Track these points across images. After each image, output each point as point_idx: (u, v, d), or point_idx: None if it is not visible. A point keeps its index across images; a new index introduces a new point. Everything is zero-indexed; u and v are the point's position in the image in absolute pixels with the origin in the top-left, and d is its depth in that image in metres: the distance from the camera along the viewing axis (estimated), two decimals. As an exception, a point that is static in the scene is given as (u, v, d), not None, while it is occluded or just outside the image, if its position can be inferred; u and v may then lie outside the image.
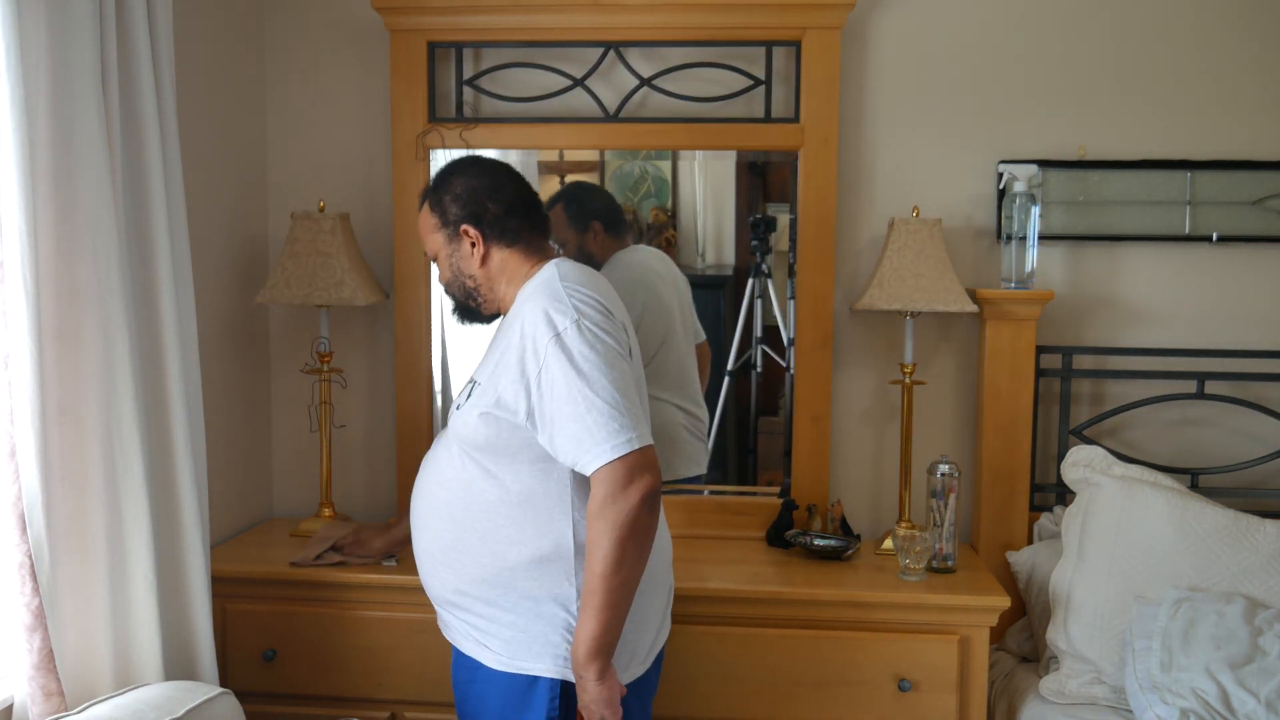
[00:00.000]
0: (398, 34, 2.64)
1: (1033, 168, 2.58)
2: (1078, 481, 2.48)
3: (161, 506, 2.06)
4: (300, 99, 2.79)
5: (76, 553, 1.89)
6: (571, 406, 1.71)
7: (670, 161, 2.77)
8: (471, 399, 1.86)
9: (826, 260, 2.60)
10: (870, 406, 2.73)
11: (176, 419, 2.09)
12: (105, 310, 1.89)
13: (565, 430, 1.72)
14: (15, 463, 1.81)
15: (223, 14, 2.60)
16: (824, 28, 2.56)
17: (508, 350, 1.81)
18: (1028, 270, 2.56)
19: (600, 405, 1.69)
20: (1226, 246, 2.63)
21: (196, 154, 2.41)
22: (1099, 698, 2.25)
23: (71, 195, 1.84)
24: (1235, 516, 2.34)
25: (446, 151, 2.69)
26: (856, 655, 2.26)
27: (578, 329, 1.74)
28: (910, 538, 2.37)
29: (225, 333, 2.63)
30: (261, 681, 2.39)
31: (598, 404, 1.69)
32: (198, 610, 2.15)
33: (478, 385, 1.87)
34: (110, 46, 1.91)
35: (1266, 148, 2.60)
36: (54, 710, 1.85)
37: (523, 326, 1.79)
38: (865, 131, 2.67)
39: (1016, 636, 2.57)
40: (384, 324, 2.80)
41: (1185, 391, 2.62)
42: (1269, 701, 2.04)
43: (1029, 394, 2.58)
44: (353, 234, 2.64)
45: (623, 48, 2.66)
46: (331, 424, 2.66)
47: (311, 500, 2.80)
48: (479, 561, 1.84)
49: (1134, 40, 2.61)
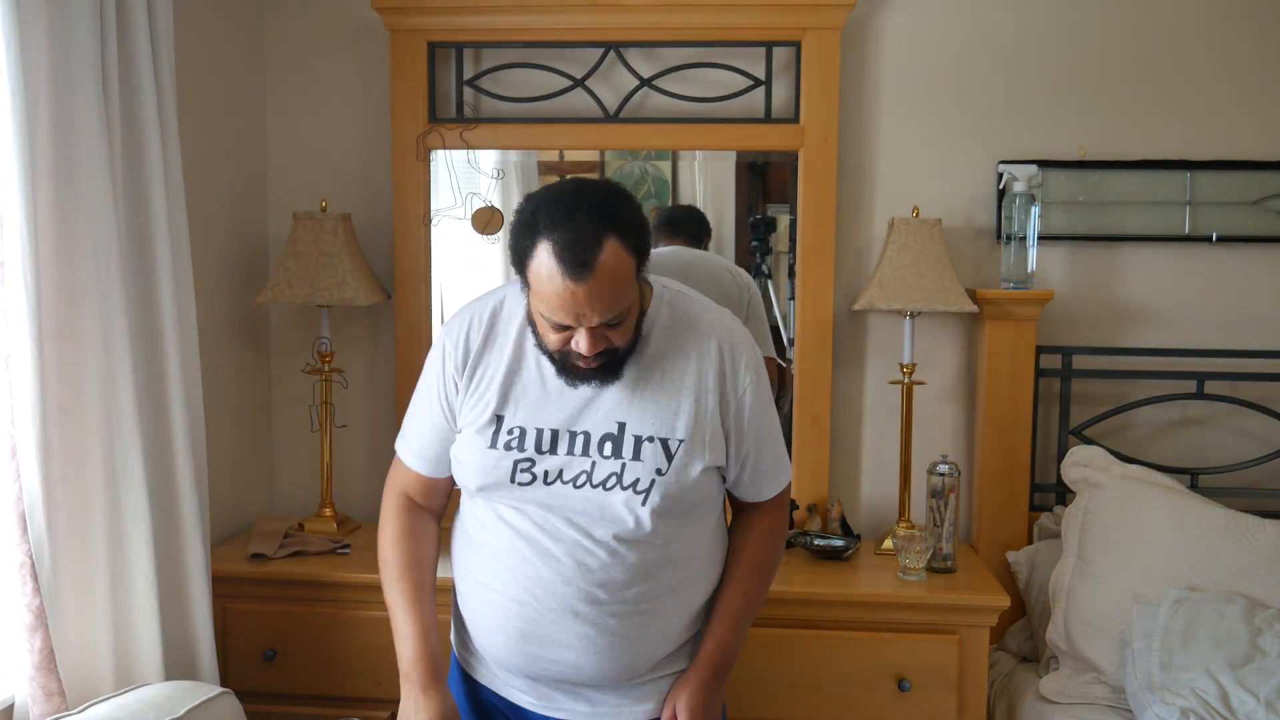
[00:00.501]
0: (398, 34, 2.64)
1: (1033, 168, 2.58)
2: (1078, 481, 2.48)
3: (162, 506, 2.07)
4: (300, 99, 2.79)
5: (77, 553, 1.90)
6: (773, 429, 1.74)
7: (670, 162, 2.77)
8: (678, 459, 1.62)
9: (826, 260, 2.60)
10: (870, 406, 2.73)
11: (177, 419, 2.09)
12: (105, 310, 1.89)
13: (771, 453, 1.75)
14: (16, 463, 1.81)
15: (223, 14, 2.60)
16: (824, 28, 2.56)
17: (687, 392, 1.63)
18: (1028, 270, 2.56)
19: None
20: (1226, 247, 2.63)
21: (197, 154, 2.41)
22: (1099, 698, 2.25)
23: (72, 195, 1.84)
24: (1235, 516, 2.34)
25: (447, 152, 2.69)
26: (856, 655, 2.26)
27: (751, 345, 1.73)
28: (910, 538, 2.37)
29: (225, 332, 2.63)
30: (262, 681, 2.39)
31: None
32: (198, 610, 2.15)
33: (676, 441, 1.62)
34: (110, 46, 1.91)
35: (1266, 148, 2.60)
36: (55, 710, 1.86)
37: (700, 359, 1.64)
38: (865, 131, 2.68)
39: (1016, 636, 2.57)
40: (385, 324, 2.80)
41: (1185, 391, 2.62)
42: (1269, 701, 2.04)
43: (1029, 394, 2.58)
44: (354, 234, 2.64)
45: (623, 48, 2.66)
46: (332, 424, 2.66)
47: (311, 500, 2.80)
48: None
49: (1134, 40, 2.61)
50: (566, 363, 1.58)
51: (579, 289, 1.46)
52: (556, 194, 1.52)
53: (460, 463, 1.71)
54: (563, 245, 1.46)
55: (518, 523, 1.66)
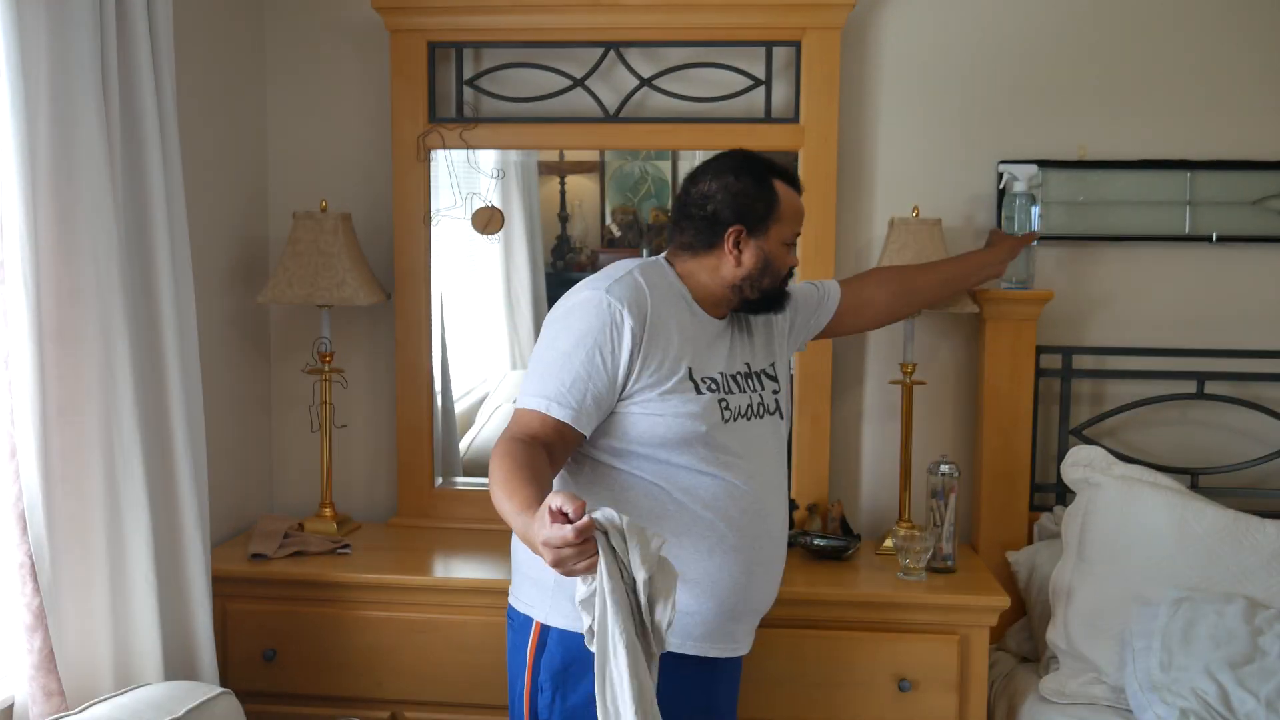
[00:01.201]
0: (398, 34, 2.64)
1: (1033, 168, 2.58)
2: (1078, 481, 2.48)
3: (162, 506, 2.07)
4: (300, 99, 2.79)
5: (77, 553, 1.90)
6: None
7: (670, 162, 2.77)
8: (780, 375, 2.01)
9: (826, 260, 2.60)
10: (870, 406, 2.73)
11: (176, 419, 2.09)
12: (105, 310, 1.89)
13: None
14: (16, 463, 1.81)
15: (223, 14, 2.60)
16: (824, 28, 2.56)
17: (760, 329, 2.01)
18: (1028, 270, 2.56)
19: None
20: (1226, 246, 2.63)
21: (197, 154, 2.41)
22: (1099, 697, 2.25)
23: (72, 195, 1.84)
24: (1235, 516, 2.34)
25: (447, 152, 2.69)
26: (856, 655, 2.26)
27: None
28: (910, 538, 2.37)
29: (225, 332, 2.63)
30: (261, 681, 2.39)
31: None
32: (198, 610, 2.15)
33: (774, 366, 2.01)
34: (110, 47, 1.91)
35: (1266, 148, 2.60)
36: (54, 710, 1.86)
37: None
38: (865, 131, 2.68)
39: (1016, 636, 2.57)
40: (384, 324, 2.80)
41: (1185, 391, 2.62)
42: (1269, 701, 2.04)
43: (1029, 394, 2.58)
44: (354, 234, 2.64)
45: (623, 48, 2.66)
46: (332, 424, 2.66)
47: (311, 500, 2.80)
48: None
49: (1134, 40, 2.61)
50: (785, 280, 1.96)
51: (801, 202, 1.97)
52: (745, 158, 1.95)
53: (661, 418, 1.79)
54: (785, 179, 1.94)
55: (715, 469, 1.83)
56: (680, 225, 1.93)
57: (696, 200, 1.90)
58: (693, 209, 1.90)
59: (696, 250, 1.90)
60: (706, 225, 1.88)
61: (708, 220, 1.88)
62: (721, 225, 1.87)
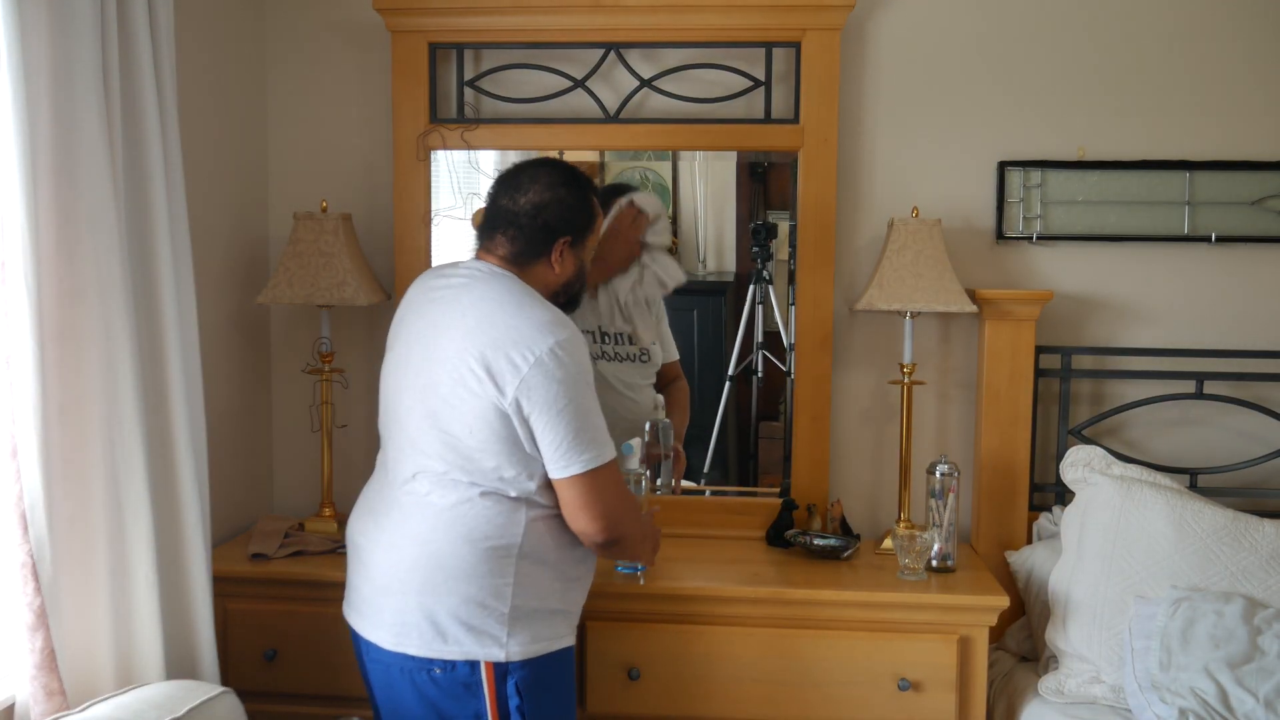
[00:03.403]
0: (399, 35, 2.65)
1: (1033, 168, 2.58)
2: (1077, 481, 2.48)
3: (163, 506, 2.07)
4: (301, 99, 2.79)
5: (78, 552, 1.90)
6: None
7: (670, 165, 2.77)
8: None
9: (826, 260, 2.60)
10: (870, 406, 2.73)
11: (178, 419, 2.09)
12: (106, 310, 1.89)
13: None
14: (17, 463, 1.81)
15: (224, 14, 2.60)
16: (824, 28, 2.56)
17: None
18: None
19: None
20: (1225, 247, 2.63)
21: (198, 154, 2.42)
22: (1098, 697, 2.25)
23: (73, 195, 1.84)
24: (1234, 516, 2.34)
25: (447, 152, 2.69)
26: (856, 655, 2.27)
27: None
28: (910, 537, 2.37)
29: (226, 333, 2.63)
30: (262, 681, 2.40)
31: None
32: (199, 610, 2.15)
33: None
34: (111, 47, 1.91)
35: (1266, 148, 2.60)
36: (56, 709, 1.86)
37: None
38: (865, 132, 2.68)
39: (1016, 636, 2.58)
40: (384, 324, 2.77)
41: (1185, 391, 2.62)
42: (1268, 701, 2.04)
43: (1028, 394, 2.58)
44: (354, 234, 2.65)
45: (623, 49, 2.67)
46: (332, 424, 2.66)
47: (312, 500, 2.81)
48: None
49: (1134, 41, 2.61)
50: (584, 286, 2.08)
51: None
52: (569, 170, 2.02)
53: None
54: (594, 191, 2.04)
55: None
56: (508, 234, 1.96)
57: (527, 210, 1.94)
58: (523, 219, 1.94)
59: (524, 260, 1.96)
60: (539, 235, 1.95)
61: (539, 230, 1.94)
62: (553, 235, 1.95)
